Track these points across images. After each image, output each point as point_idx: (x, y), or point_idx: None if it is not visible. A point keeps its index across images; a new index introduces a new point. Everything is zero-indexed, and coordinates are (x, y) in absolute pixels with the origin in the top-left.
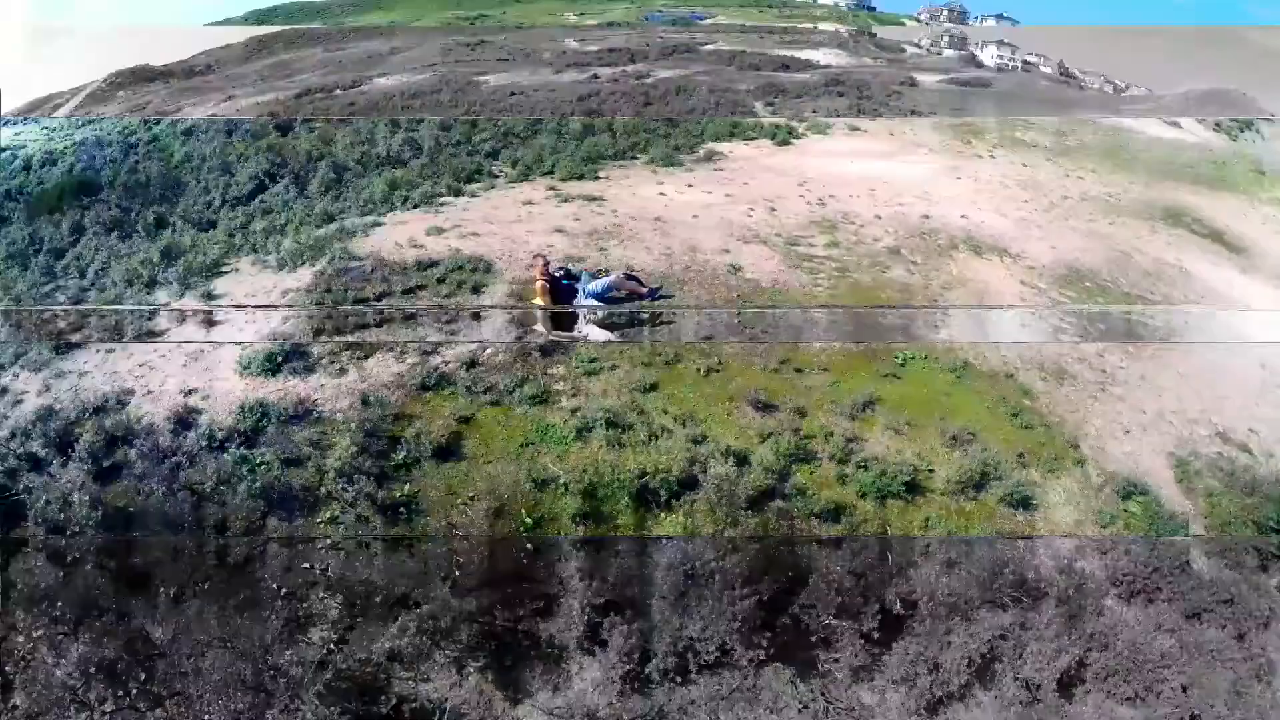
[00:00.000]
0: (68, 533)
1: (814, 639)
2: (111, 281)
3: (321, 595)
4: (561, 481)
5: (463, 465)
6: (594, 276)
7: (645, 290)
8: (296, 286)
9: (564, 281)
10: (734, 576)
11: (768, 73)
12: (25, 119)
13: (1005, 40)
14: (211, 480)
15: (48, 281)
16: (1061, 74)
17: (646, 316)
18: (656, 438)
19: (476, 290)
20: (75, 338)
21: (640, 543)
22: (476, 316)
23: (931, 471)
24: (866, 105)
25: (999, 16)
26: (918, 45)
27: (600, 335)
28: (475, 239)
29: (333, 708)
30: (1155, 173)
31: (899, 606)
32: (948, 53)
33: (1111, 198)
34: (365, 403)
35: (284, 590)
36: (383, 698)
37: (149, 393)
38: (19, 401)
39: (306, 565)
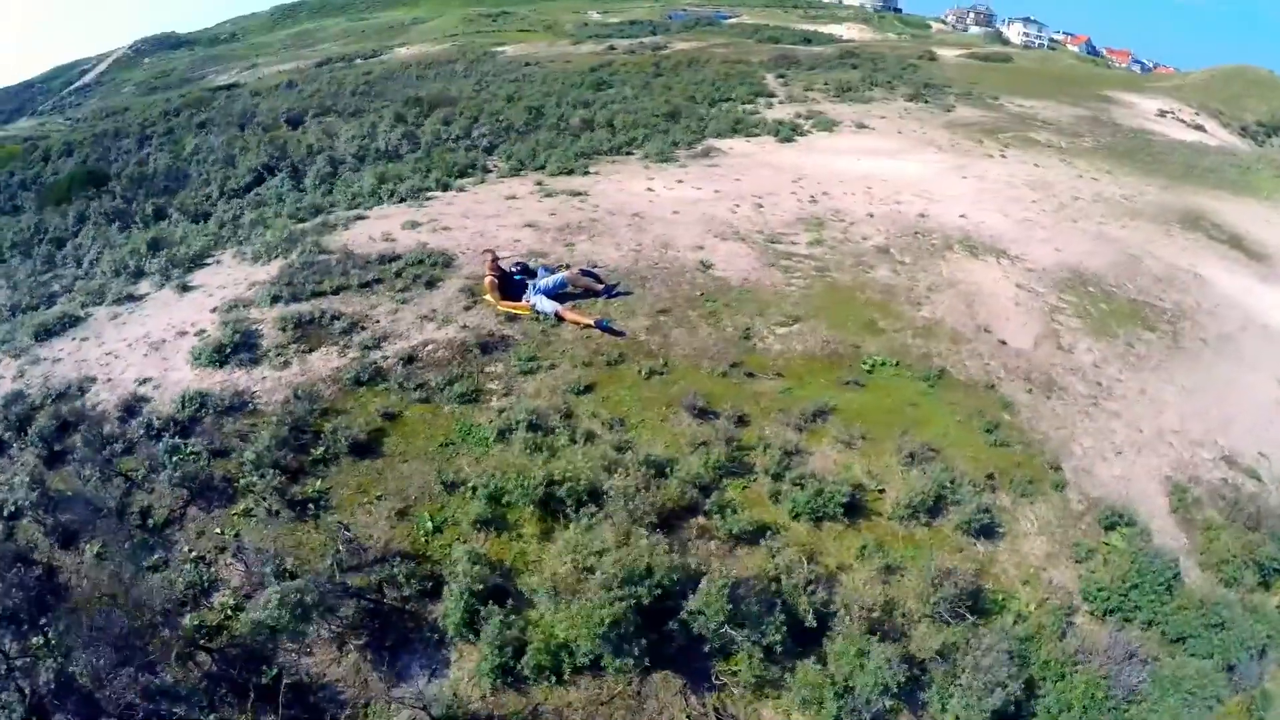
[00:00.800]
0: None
1: (708, 649)
2: (100, 271)
3: (228, 561)
4: (470, 485)
5: (378, 463)
6: (551, 272)
7: (600, 287)
8: (264, 279)
9: (516, 277)
10: (610, 577)
11: (786, 45)
12: (53, 108)
13: (1032, 18)
14: (144, 468)
15: (46, 270)
16: (1089, 51)
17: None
18: (577, 443)
19: (431, 285)
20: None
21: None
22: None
23: (881, 492)
24: (879, 78)
25: (1026, 19)
26: (943, 21)
27: (549, 306)
28: (446, 233)
29: (194, 669)
30: (1174, 175)
31: (811, 618)
32: (974, 29)
33: (1126, 200)
34: (296, 396)
35: (194, 554)
36: (264, 668)
37: (109, 380)
38: None
39: (219, 530)
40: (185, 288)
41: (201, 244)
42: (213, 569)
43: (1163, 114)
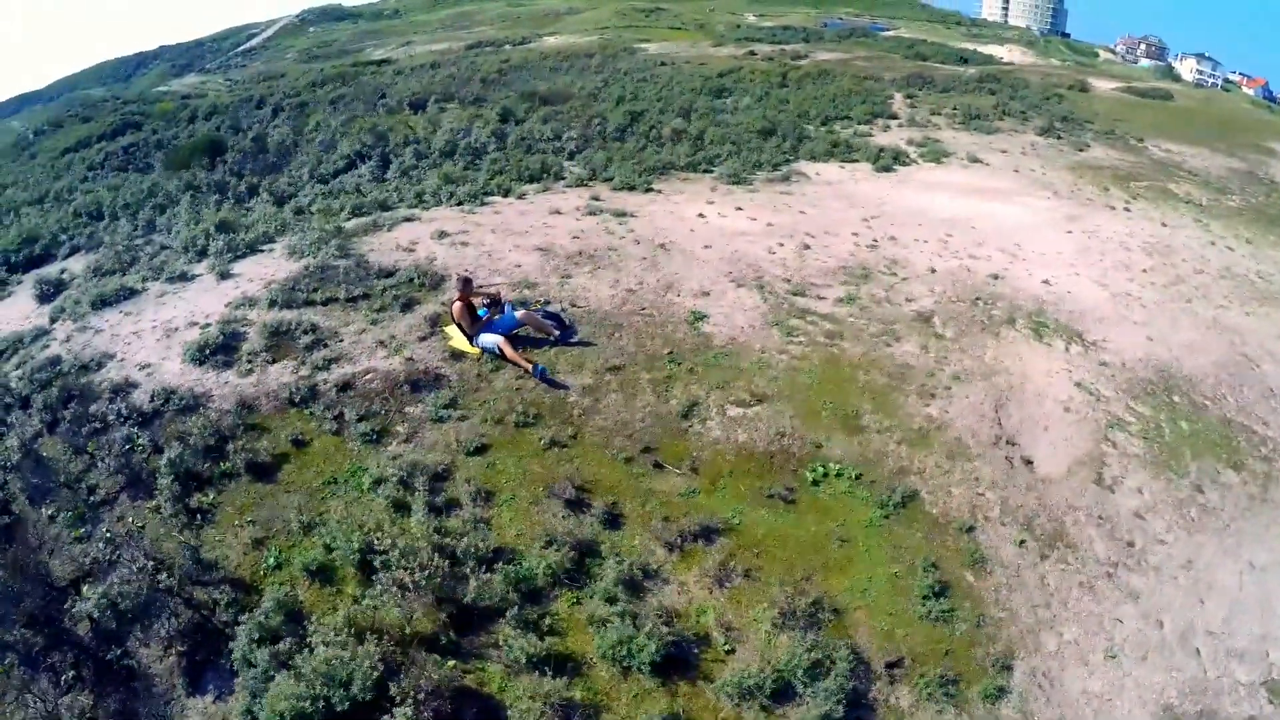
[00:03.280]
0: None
1: None
2: (174, 246)
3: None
4: (323, 529)
5: (267, 488)
6: (514, 309)
7: (556, 333)
8: (283, 277)
9: (481, 312)
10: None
11: (933, 63)
12: (219, 67)
13: (1207, 55)
14: (104, 451)
15: (142, 235)
16: (1266, 96)
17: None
18: (434, 507)
19: (407, 307)
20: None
21: None
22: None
23: (730, 653)
24: (1013, 107)
25: (1200, 56)
26: (1112, 51)
27: (490, 341)
28: (462, 249)
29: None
30: None
31: None
32: (1144, 61)
33: (1261, 279)
34: (240, 406)
35: (109, 535)
36: (113, 647)
37: (121, 360)
38: (47, 346)
39: (131, 519)
40: (225, 275)
41: (264, 230)
42: (117, 552)
43: None
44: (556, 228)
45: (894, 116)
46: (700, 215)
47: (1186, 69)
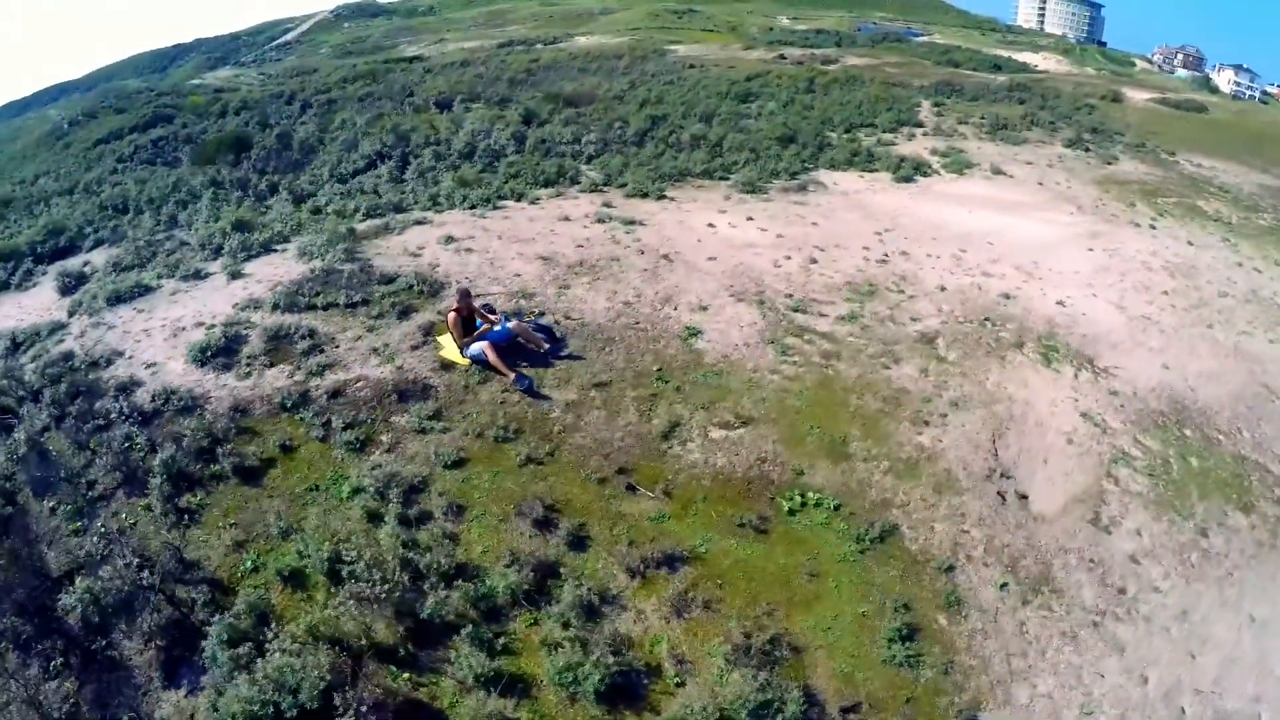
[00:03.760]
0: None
1: None
2: (191, 244)
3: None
4: (299, 536)
5: (252, 492)
6: (507, 320)
7: (545, 346)
8: (289, 280)
9: (479, 324)
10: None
11: (965, 71)
12: (253, 61)
13: (1245, 66)
14: (105, 448)
15: (164, 230)
16: None
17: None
18: (405, 519)
19: (405, 314)
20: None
21: None
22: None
23: (679, 686)
24: (1043, 117)
25: (1238, 67)
26: (1149, 60)
27: (476, 349)
28: (467, 255)
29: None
30: None
31: None
32: (1180, 72)
33: None
34: (234, 409)
35: (103, 529)
36: (84, 646)
37: (130, 358)
38: (61, 340)
39: (124, 516)
40: (236, 275)
41: (279, 229)
42: (110, 547)
43: None
44: (562, 235)
45: (920, 125)
46: (710, 225)
47: (1224, 80)
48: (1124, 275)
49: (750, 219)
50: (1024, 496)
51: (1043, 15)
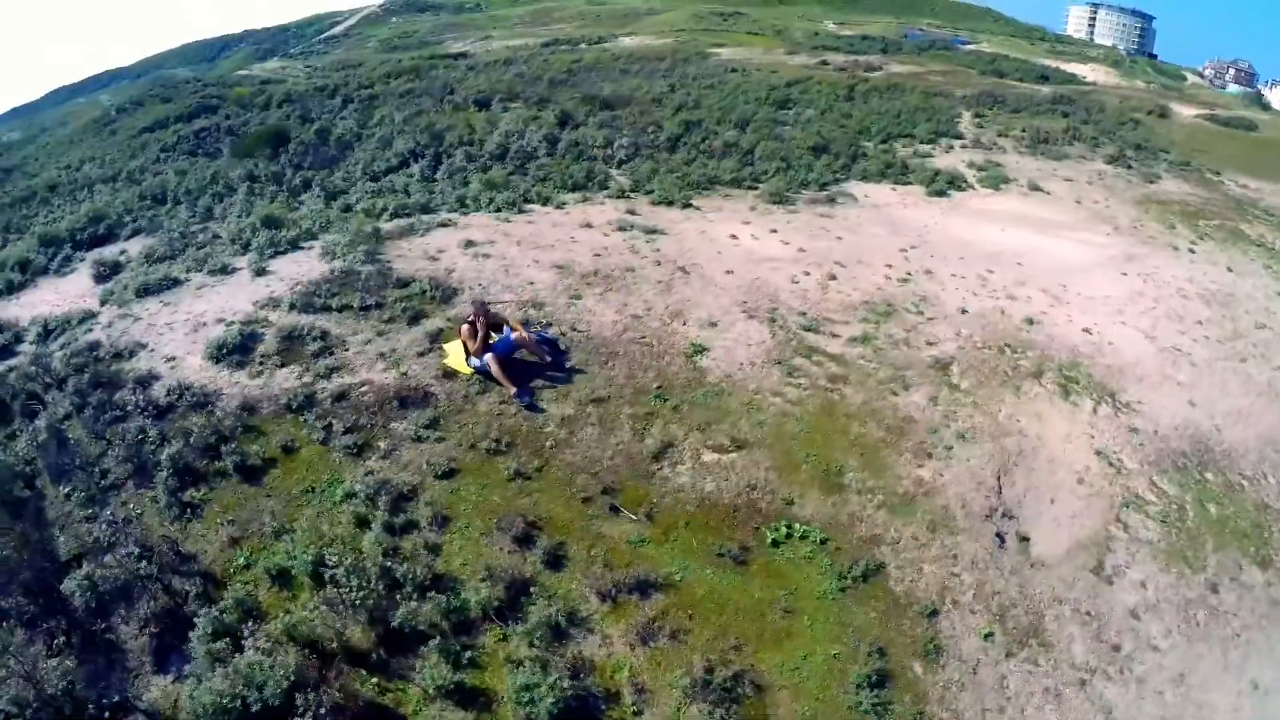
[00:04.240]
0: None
1: None
2: (224, 237)
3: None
4: (289, 536)
5: (252, 490)
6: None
7: (548, 360)
8: (310, 279)
9: (491, 335)
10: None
11: (1010, 81)
12: (301, 53)
13: None
14: (119, 439)
15: (200, 222)
16: None
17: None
18: (391, 527)
19: (415, 320)
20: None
21: None
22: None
23: (638, 715)
24: (1086, 131)
25: None
26: (1200, 74)
27: (479, 360)
28: (484, 261)
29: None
30: None
31: None
32: (1232, 87)
33: None
34: (243, 408)
35: (113, 517)
36: (86, 628)
37: (152, 351)
38: (90, 330)
39: (132, 505)
40: (261, 272)
41: (307, 227)
42: (116, 535)
43: None
44: (582, 243)
45: (959, 136)
46: (732, 237)
47: (1276, 97)
48: (1157, 302)
49: (774, 231)
50: (1025, 539)
51: (1093, 25)
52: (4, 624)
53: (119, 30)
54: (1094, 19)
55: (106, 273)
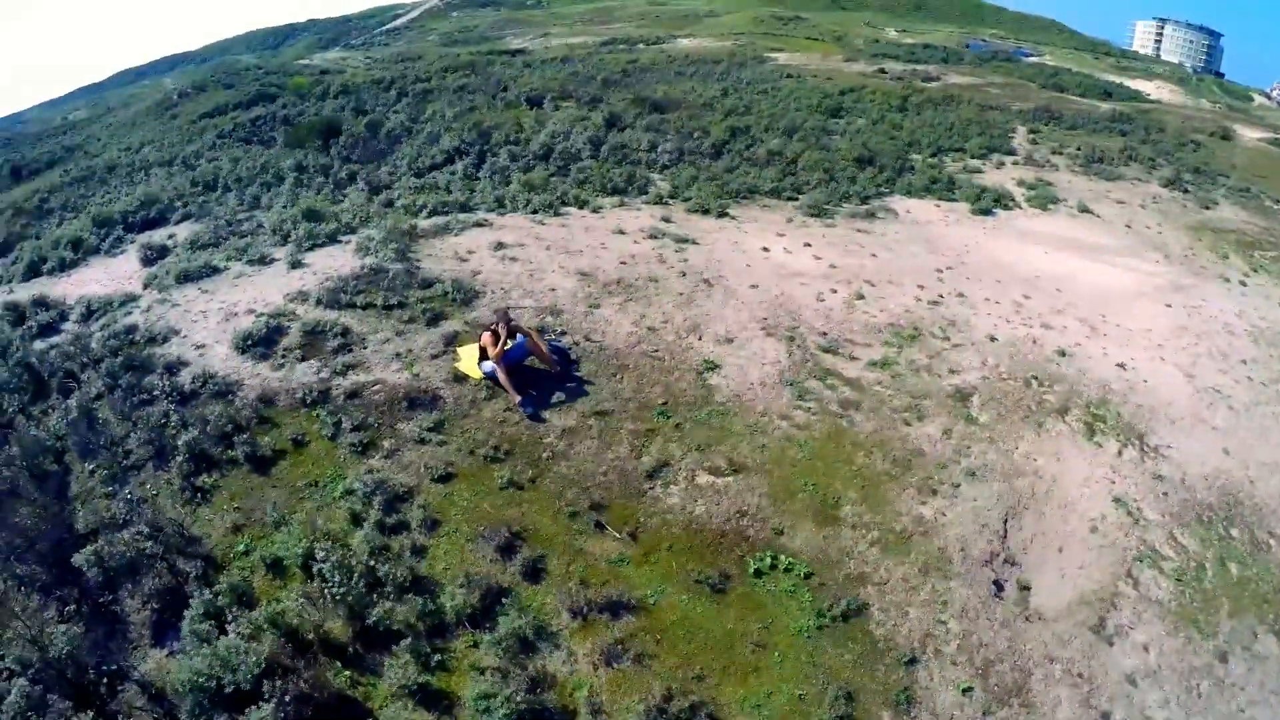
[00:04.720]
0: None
1: None
2: (266, 228)
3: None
4: (286, 529)
5: (260, 480)
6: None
7: (557, 368)
8: (341, 274)
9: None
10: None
11: (1070, 95)
12: (363, 44)
13: None
14: (144, 422)
15: (247, 210)
16: None
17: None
18: (383, 526)
19: (434, 321)
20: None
21: None
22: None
23: None
24: (1143, 152)
25: None
26: (1268, 95)
27: (489, 367)
28: (510, 264)
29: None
30: None
31: None
32: None
33: None
34: (260, 399)
35: (131, 495)
36: (109, 593)
37: (184, 337)
38: (129, 313)
39: (149, 486)
40: (297, 264)
41: (347, 220)
42: (131, 513)
43: None
44: (611, 250)
45: (1011, 153)
46: (764, 249)
47: None
48: (1200, 338)
49: (807, 245)
50: (1026, 588)
51: (1159, 42)
52: (20, 589)
53: (188, 13)
54: (1161, 34)
55: (153, 256)
